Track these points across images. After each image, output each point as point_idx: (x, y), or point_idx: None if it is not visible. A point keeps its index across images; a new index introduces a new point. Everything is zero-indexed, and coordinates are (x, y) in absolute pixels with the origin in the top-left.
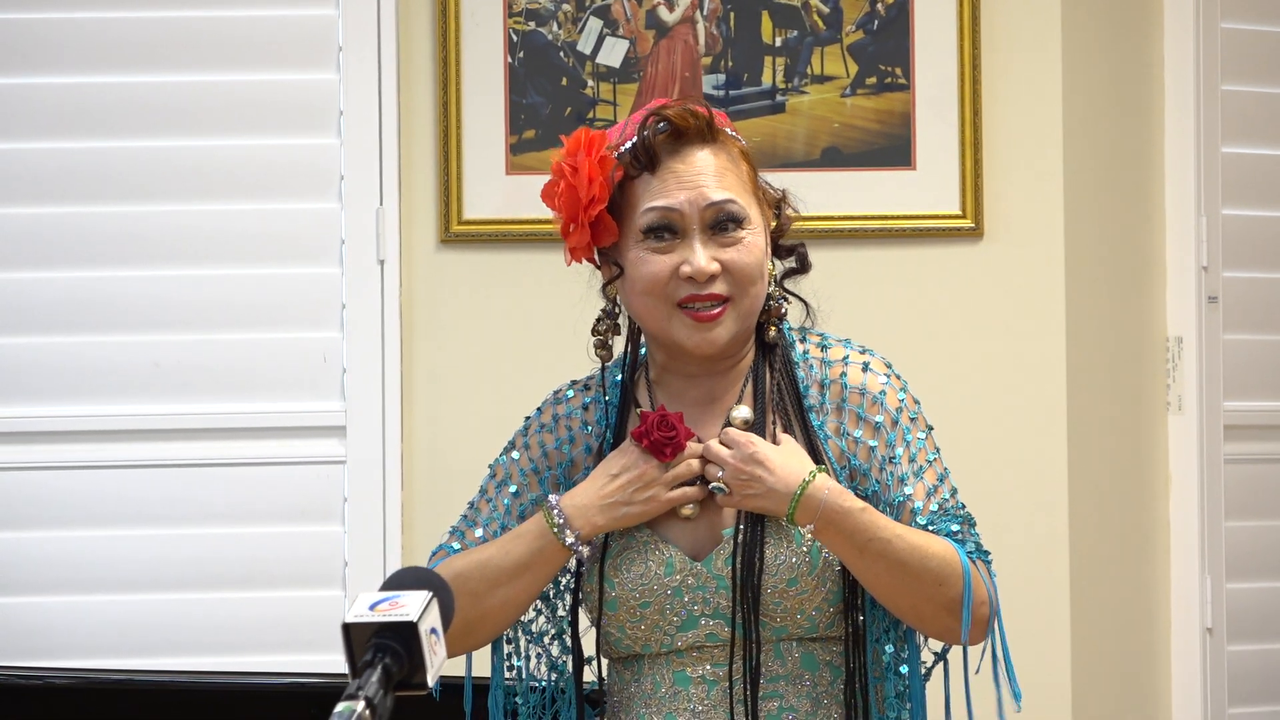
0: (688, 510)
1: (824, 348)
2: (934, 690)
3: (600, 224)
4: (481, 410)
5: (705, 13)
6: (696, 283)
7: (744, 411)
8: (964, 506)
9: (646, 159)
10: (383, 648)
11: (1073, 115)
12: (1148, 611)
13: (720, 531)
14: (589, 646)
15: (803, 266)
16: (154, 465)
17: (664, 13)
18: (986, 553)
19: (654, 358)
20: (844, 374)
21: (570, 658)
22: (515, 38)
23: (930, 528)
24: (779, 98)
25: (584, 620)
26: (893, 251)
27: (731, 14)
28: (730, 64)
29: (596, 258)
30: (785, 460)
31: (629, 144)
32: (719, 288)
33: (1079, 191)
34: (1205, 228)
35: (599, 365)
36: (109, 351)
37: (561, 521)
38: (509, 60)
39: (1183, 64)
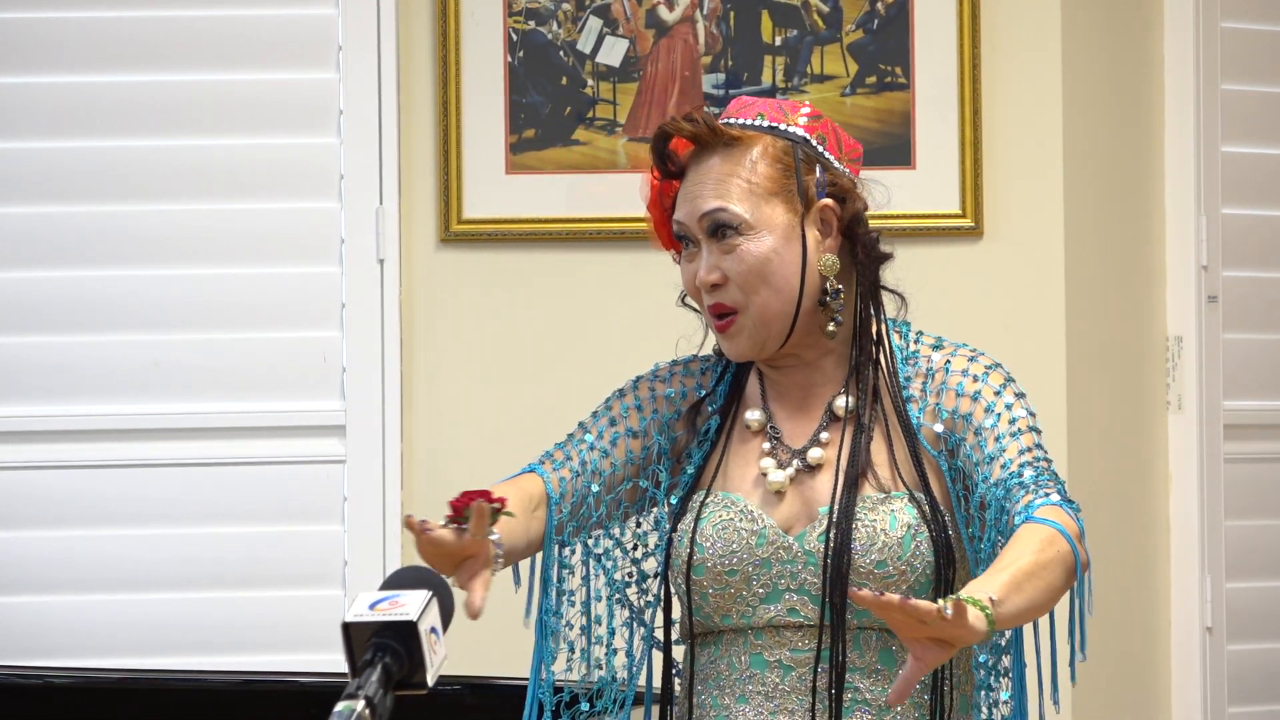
0: (776, 483)
1: (936, 347)
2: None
3: (662, 229)
4: (481, 409)
5: (705, 12)
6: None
7: (845, 400)
8: (1055, 473)
9: (664, 169)
10: (383, 647)
11: (1073, 115)
12: (1147, 611)
13: (816, 508)
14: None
15: (869, 256)
16: (154, 465)
17: (664, 12)
18: (1072, 501)
19: None
20: (948, 363)
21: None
22: (515, 37)
23: (1012, 478)
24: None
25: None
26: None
27: (731, 13)
28: (730, 63)
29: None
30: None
31: None
32: (724, 296)
33: (1079, 191)
34: (1205, 227)
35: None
36: (109, 351)
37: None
38: (509, 60)
39: (1183, 64)
